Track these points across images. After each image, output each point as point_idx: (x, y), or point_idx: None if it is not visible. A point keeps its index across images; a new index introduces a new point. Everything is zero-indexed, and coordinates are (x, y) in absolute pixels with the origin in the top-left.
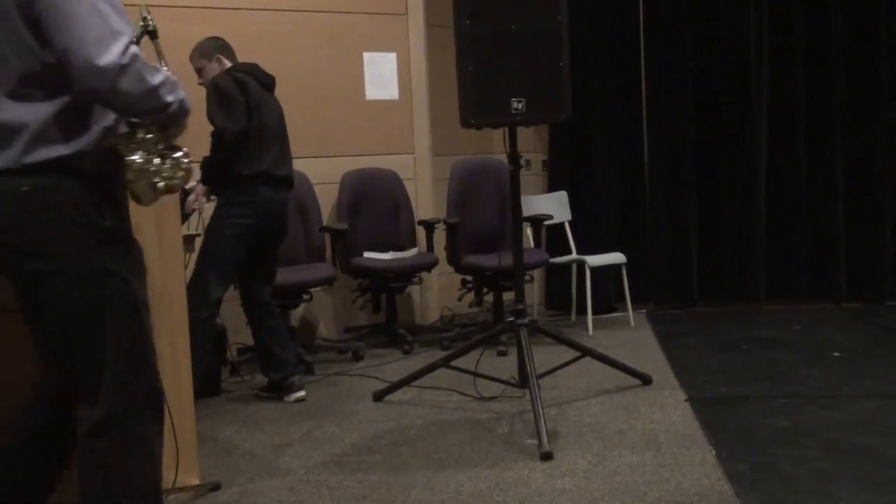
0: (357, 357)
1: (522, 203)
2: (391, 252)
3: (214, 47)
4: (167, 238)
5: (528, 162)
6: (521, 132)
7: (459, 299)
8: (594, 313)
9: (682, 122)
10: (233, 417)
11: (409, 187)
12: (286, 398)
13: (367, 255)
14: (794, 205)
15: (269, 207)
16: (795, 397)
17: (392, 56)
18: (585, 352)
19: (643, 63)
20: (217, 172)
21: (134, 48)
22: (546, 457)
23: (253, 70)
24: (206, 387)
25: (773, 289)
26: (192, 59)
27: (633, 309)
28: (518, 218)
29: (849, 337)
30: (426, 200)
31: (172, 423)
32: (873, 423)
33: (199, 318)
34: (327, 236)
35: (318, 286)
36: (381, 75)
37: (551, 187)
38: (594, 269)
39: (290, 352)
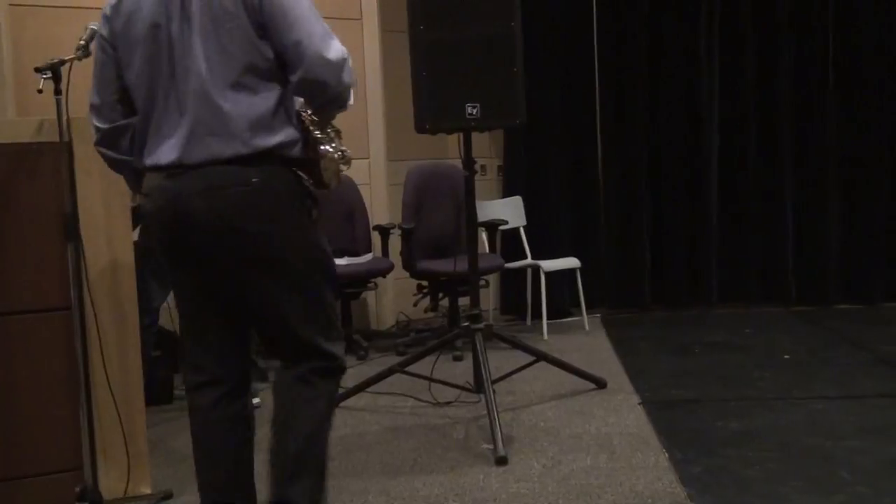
0: None
1: (478, 208)
2: (346, 257)
3: None
4: (118, 244)
5: (483, 167)
6: (477, 137)
7: (415, 304)
8: (549, 318)
9: (635, 128)
10: (185, 425)
11: (364, 192)
12: None
13: None
14: (745, 211)
15: None
16: (747, 400)
17: None
18: (540, 356)
19: (597, 69)
20: None
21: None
22: (501, 461)
23: None
24: (156, 394)
25: (725, 293)
26: None
27: (588, 313)
28: (473, 223)
29: (798, 340)
30: (381, 205)
31: (123, 430)
32: (822, 425)
33: (141, 325)
34: None
35: None
36: None
37: (506, 192)
38: (549, 274)
39: None
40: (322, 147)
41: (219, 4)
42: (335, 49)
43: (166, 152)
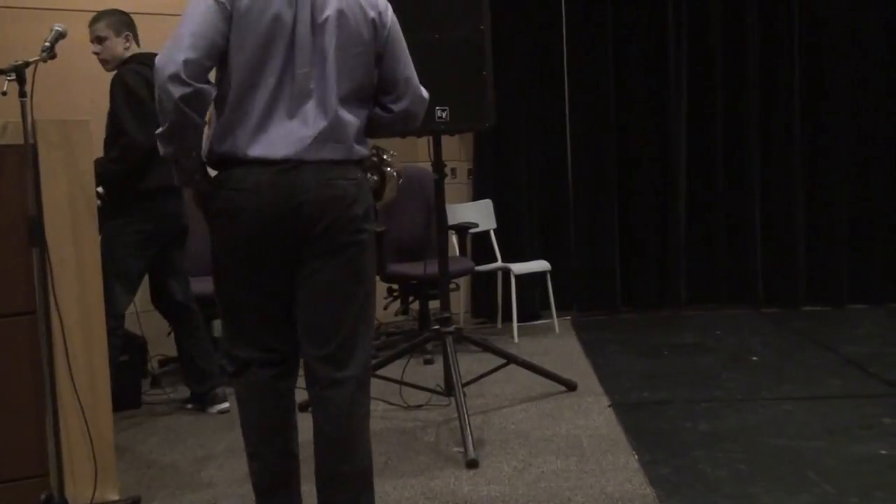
0: None
1: (448, 211)
2: None
3: (125, 22)
4: (84, 247)
5: (453, 170)
6: (447, 141)
7: (385, 308)
8: (519, 321)
9: (604, 130)
10: (153, 430)
11: None
12: (209, 410)
13: None
14: (713, 213)
15: (171, 212)
16: (715, 401)
17: None
18: (510, 359)
19: (566, 72)
20: (118, 184)
21: None
22: (472, 465)
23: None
24: (124, 399)
25: (694, 295)
26: (95, 25)
27: (558, 316)
28: (443, 226)
29: (767, 341)
30: None
31: (90, 435)
32: (789, 425)
33: (106, 329)
34: None
35: None
36: None
37: (476, 195)
38: (519, 277)
39: (214, 363)
40: (388, 169)
41: (355, 28)
42: (424, 90)
43: (280, 147)
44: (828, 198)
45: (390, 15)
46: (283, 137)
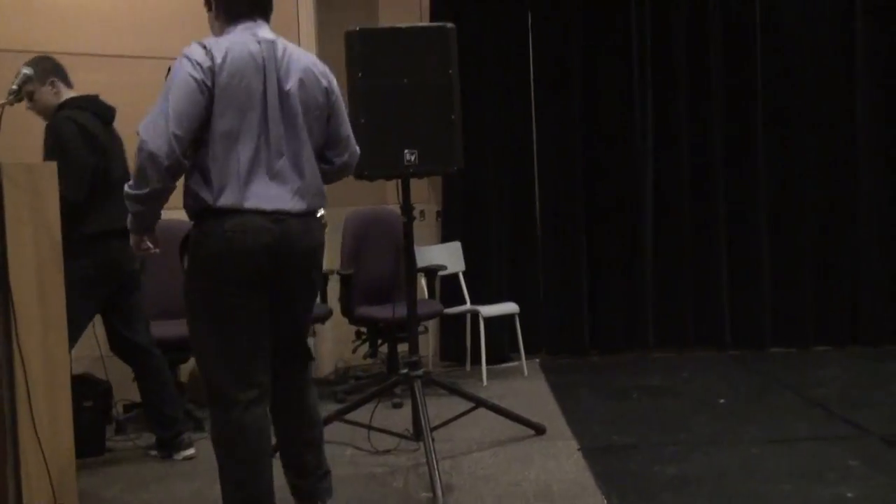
0: None
1: (417, 253)
2: None
3: (48, 69)
4: (49, 292)
5: (422, 212)
6: (415, 183)
7: (354, 351)
8: (488, 363)
9: (572, 174)
10: (118, 477)
11: None
12: (175, 456)
13: None
14: (680, 256)
15: (114, 257)
16: (683, 444)
17: None
18: (479, 403)
19: (534, 116)
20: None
21: None
22: None
23: (92, 105)
24: (88, 445)
25: (661, 337)
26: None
27: (527, 358)
28: (412, 268)
29: (733, 384)
30: None
31: (52, 483)
32: (756, 469)
33: None
34: None
35: None
36: None
37: (445, 238)
38: (488, 320)
39: (179, 408)
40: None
41: (314, 95)
42: (357, 146)
43: (269, 201)
44: (792, 241)
45: (335, 82)
46: (266, 192)
